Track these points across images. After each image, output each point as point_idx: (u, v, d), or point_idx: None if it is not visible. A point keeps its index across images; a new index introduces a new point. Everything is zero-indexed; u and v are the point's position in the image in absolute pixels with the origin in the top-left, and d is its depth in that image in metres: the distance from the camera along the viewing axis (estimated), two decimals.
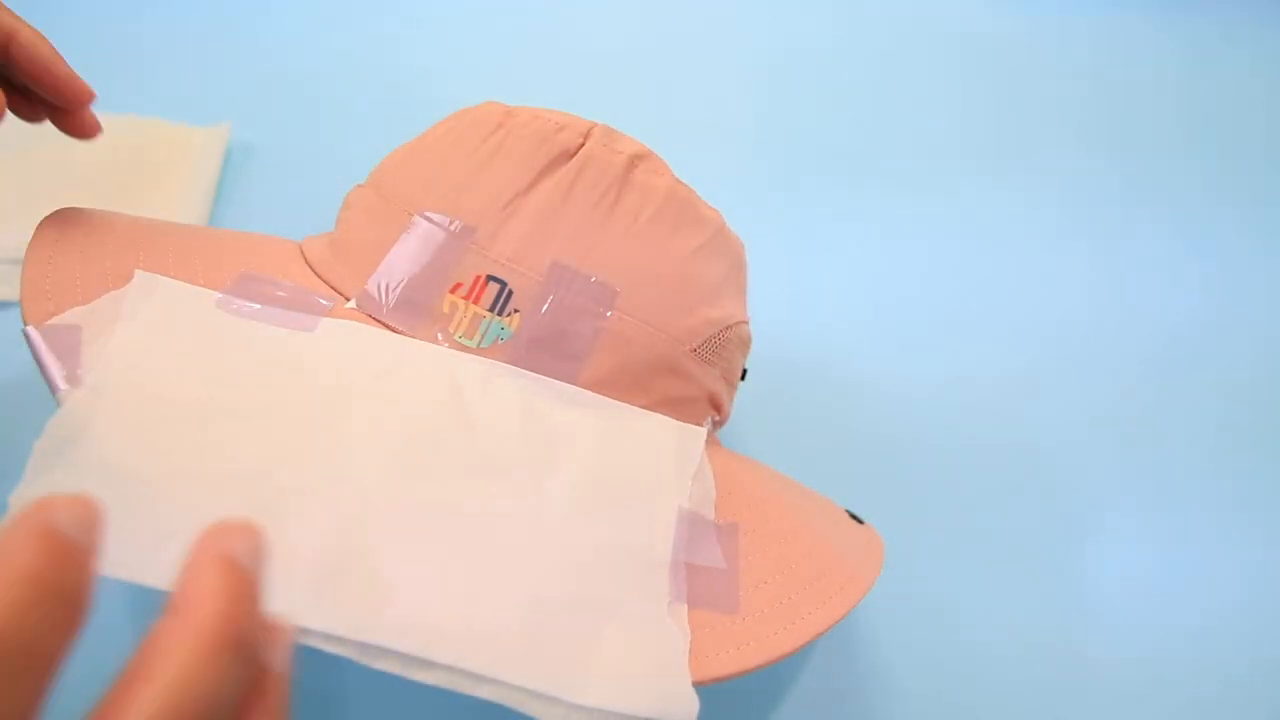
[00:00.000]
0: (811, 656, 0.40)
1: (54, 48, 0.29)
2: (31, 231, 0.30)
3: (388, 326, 0.30)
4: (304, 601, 0.23)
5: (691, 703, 0.24)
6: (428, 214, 0.31)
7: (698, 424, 0.35)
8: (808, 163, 0.64)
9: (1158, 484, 0.49)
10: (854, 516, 0.38)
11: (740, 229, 0.37)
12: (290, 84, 0.62)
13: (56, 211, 0.31)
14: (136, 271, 0.29)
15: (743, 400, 0.40)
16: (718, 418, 0.36)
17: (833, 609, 0.29)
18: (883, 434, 0.49)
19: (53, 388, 0.25)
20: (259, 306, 0.29)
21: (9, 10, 0.27)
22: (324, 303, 0.31)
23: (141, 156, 0.56)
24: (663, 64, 0.69)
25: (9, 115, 0.30)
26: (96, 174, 0.54)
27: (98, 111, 0.33)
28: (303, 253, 0.34)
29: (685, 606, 0.27)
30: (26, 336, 0.26)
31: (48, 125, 0.33)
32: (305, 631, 0.22)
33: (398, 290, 0.30)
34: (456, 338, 0.30)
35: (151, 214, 0.52)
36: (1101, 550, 0.46)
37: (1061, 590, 0.44)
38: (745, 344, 0.37)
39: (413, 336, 0.30)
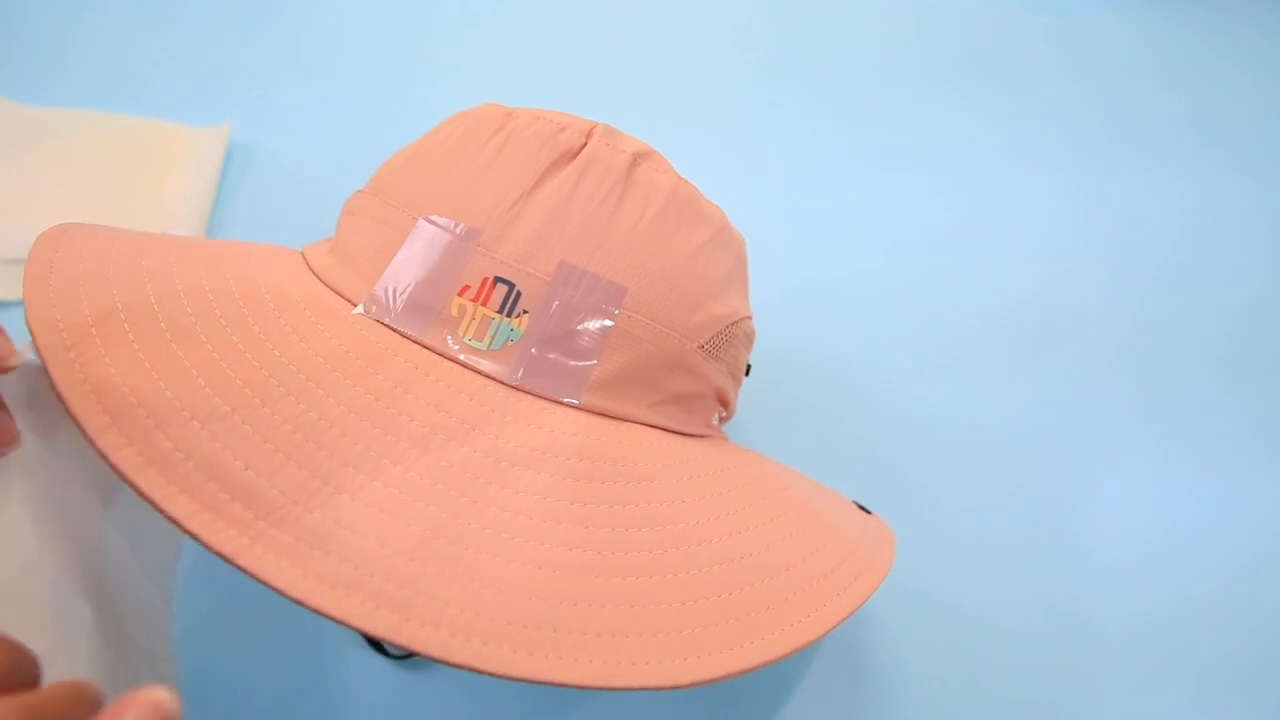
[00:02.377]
0: (818, 645, 0.40)
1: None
2: (30, 232, 0.30)
3: (396, 331, 0.30)
4: None
5: None
6: (432, 217, 0.31)
7: (705, 419, 0.35)
8: (799, 149, 0.63)
9: (1166, 433, 0.50)
10: (862, 508, 0.38)
11: (734, 216, 0.37)
12: (290, 84, 0.62)
13: (60, 225, 0.31)
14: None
15: (744, 392, 0.40)
16: (724, 413, 0.36)
17: (850, 598, 0.29)
18: (879, 413, 0.49)
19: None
20: None
21: None
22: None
23: (142, 157, 0.56)
24: (659, 57, 0.69)
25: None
26: (96, 175, 0.54)
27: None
28: (305, 260, 0.34)
29: None
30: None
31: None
32: None
33: (405, 294, 0.30)
34: (466, 340, 0.30)
35: (151, 215, 0.53)
36: (1110, 522, 0.46)
37: (1068, 561, 0.44)
38: (749, 339, 0.37)
39: (421, 340, 0.30)
